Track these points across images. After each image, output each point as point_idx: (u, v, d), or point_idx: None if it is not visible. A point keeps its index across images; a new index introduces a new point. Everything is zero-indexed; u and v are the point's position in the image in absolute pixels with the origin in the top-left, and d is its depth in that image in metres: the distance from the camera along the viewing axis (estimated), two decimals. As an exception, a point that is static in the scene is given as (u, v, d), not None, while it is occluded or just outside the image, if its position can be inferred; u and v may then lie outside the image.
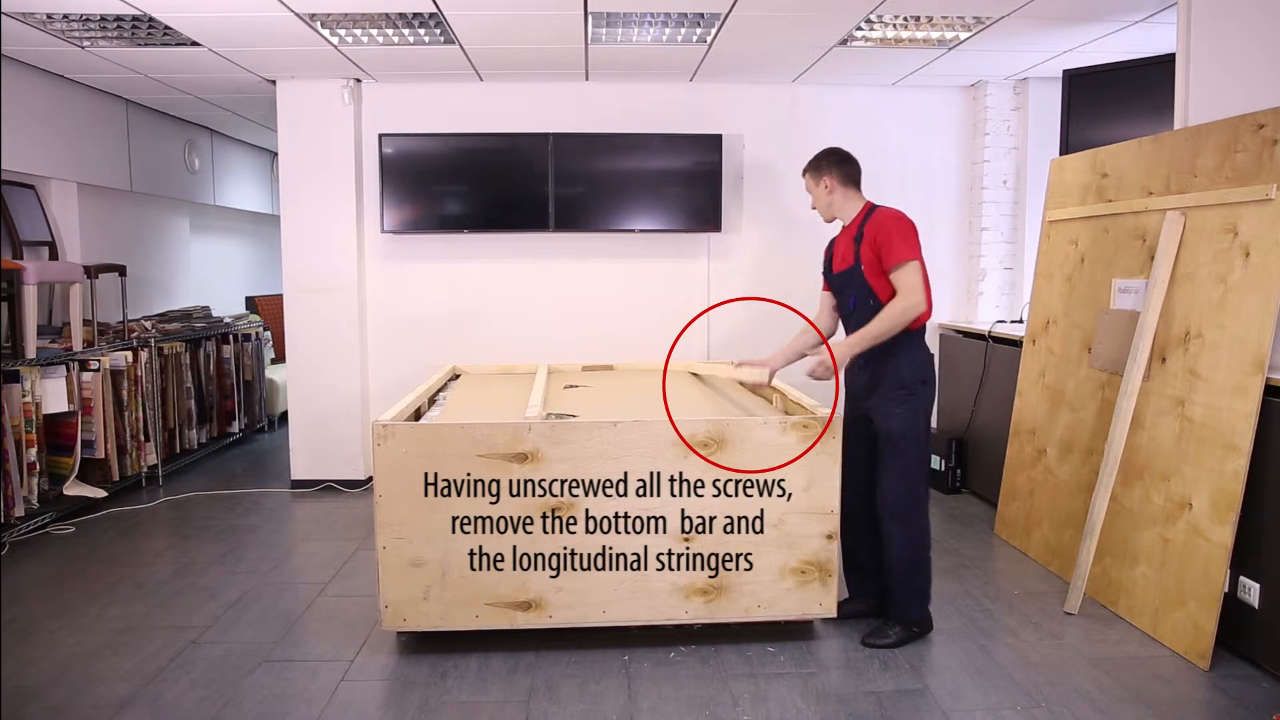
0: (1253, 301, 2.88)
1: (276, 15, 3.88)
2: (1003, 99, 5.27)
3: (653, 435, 2.95)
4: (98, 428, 4.74)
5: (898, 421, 3.03)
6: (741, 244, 5.38)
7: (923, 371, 3.07)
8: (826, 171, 3.18)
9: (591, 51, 4.57)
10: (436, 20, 4.01)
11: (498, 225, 5.18)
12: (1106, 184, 3.73)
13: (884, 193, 5.38)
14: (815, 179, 3.21)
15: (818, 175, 3.20)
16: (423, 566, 2.94)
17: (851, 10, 3.93)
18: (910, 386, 3.05)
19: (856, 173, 3.20)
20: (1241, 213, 2.97)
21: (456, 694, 2.75)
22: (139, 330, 5.35)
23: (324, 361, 5.21)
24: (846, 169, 3.18)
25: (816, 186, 3.21)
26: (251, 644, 3.12)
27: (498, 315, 5.31)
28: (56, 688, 2.80)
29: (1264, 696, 2.71)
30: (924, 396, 3.08)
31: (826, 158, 3.20)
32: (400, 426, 2.91)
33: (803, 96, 5.33)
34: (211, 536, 4.35)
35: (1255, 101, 3.01)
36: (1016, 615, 3.34)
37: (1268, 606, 2.83)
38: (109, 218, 5.64)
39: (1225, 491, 2.89)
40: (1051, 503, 3.85)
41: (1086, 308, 3.78)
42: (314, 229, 5.15)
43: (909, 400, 3.04)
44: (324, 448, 5.25)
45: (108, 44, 4.30)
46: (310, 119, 5.09)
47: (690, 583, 3.01)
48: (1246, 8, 3.10)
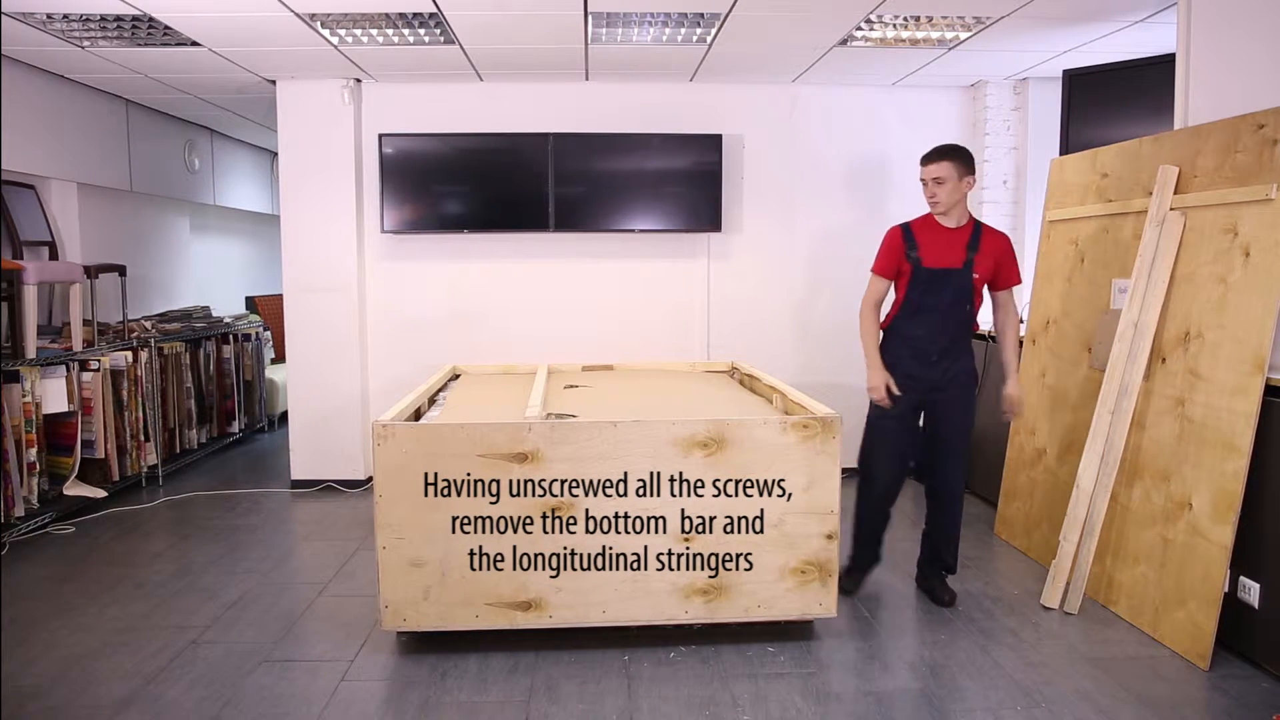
0: (1253, 301, 2.88)
1: (276, 15, 3.88)
2: (1003, 99, 5.27)
3: (653, 435, 2.94)
4: (98, 428, 4.74)
5: (970, 414, 3.39)
6: (741, 244, 5.37)
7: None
8: (972, 171, 3.25)
9: (591, 51, 4.57)
10: (436, 20, 4.01)
11: (498, 225, 5.18)
12: (1106, 184, 3.73)
13: (884, 193, 5.39)
14: (960, 172, 3.22)
15: (964, 170, 3.22)
16: (423, 566, 2.93)
17: (851, 10, 3.93)
18: (976, 383, 3.43)
19: None
20: (1241, 213, 2.96)
21: (456, 694, 2.75)
22: (139, 330, 5.35)
23: (324, 361, 5.21)
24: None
25: (959, 181, 3.22)
26: (251, 644, 3.12)
27: (498, 315, 5.31)
28: (56, 688, 2.80)
29: (1264, 696, 2.71)
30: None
31: (970, 157, 3.25)
32: (400, 426, 2.91)
33: (803, 96, 5.33)
34: (211, 536, 4.35)
35: (1255, 101, 3.01)
36: (1017, 615, 3.34)
37: (1268, 606, 2.83)
38: (109, 218, 5.64)
39: (1225, 491, 2.89)
40: (1051, 503, 3.85)
41: (1086, 308, 3.78)
42: (314, 229, 5.15)
43: (971, 394, 3.40)
44: (324, 448, 5.25)
45: (108, 44, 4.30)
46: (310, 119, 5.09)
47: (690, 583, 3.01)
48: (1246, 8, 3.10)
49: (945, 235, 3.28)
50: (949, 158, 3.22)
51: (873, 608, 3.42)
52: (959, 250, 3.24)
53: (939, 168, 3.22)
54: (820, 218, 5.39)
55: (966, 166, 3.23)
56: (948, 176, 3.21)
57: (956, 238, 3.27)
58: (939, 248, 3.27)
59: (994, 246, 3.27)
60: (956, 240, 3.26)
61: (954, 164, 3.21)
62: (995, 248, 3.27)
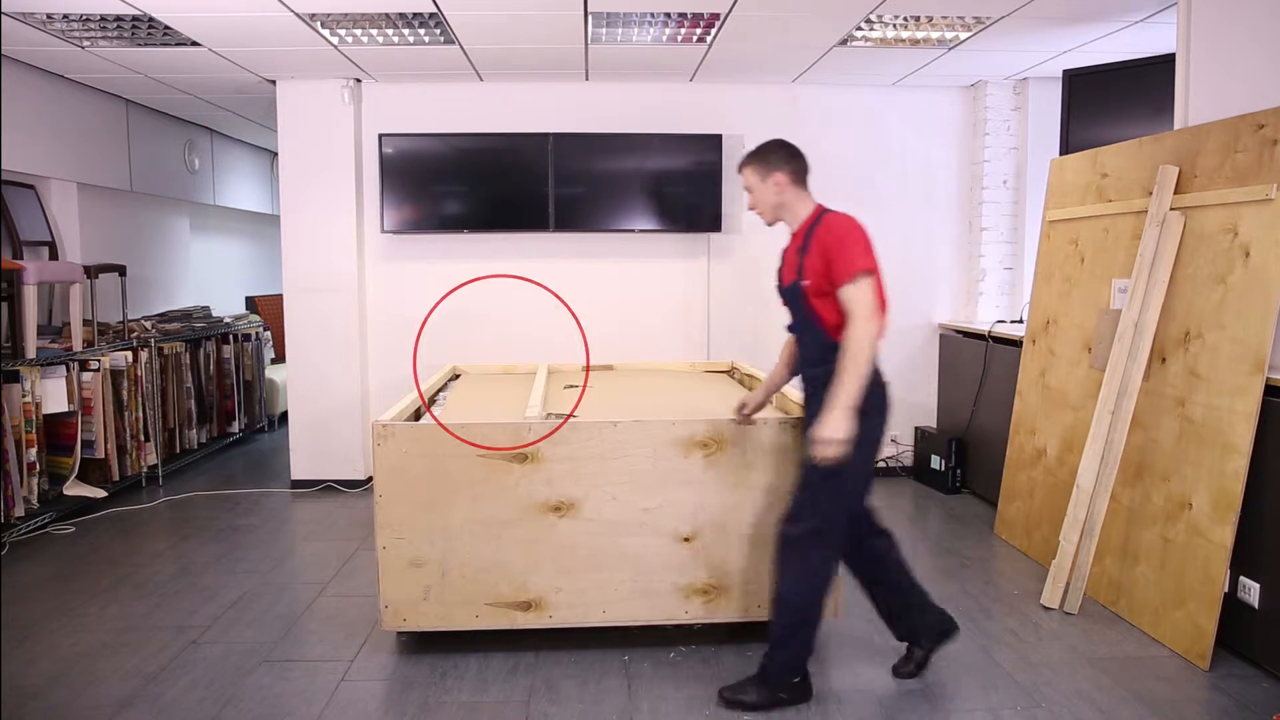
0: (1253, 301, 2.88)
1: (276, 15, 3.88)
2: (1003, 99, 5.27)
3: (653, 435, 2.94)
4: (98, 428, 4.74)
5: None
6: (741, 244, 5.37)
7: (869, 399, 2.53)
8: (778, 166, 2.67)
9: (591, 51, 4.57)
10: (436, 20, 4.01)
11: (498, 225, 5.18)
12: (1106, 184, 3.73)
13: (884, 193, 5.39)
14: (763, 174, 2.69)
15: (766, 170, 2.69)
16: (423, 566, 2.94)
17: (851, 10, 3.93)
18: None
19: (807, 170, 2.73)
20: (1241, 213, 2.96)
21: (456, 694, 2.75)
22: (139, 330, 5.35)
23: (324, 361, 5.21)
24: (798, 164, 2.70)
25: (764, 183, 2.69)
26: (251, 644, 3.12)
27: (498, 315, 5.31)
28: (56, 688, 2.80)
29: (1264, 696, 2.71)
30: (867, 429, 2.55)
31: (777, 151, 2.70)
32: (400, 426, 2.91)
33: (803, 96, 5.33)
34: (211, 536, 4.35)
35: (1255, 101, 3.01)
36: (1017, 615, 3.34)
37: (1268, 606, 2.83)
38: (109, 218, 5.64)
39: (1225, 491, 2.89)
40: (1051, 503, 3.85)
41: (1086, 308, 3.78)
42: (314, 229, 5.15)
43: None
44: (324, 448, 5.25)
45: (108, 44, 4.30)
46: (310, 119, 5.09)
47: (690, 583, 3.01)
48: (1246, 8, 3.10)
49: (790, 244, 2.76)
50: (747, 163, 2.73)
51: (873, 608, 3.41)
52: (794, 258, 2.70)
53: (743, 177, 2.76)
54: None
55: (767, 164, 2.68)
56: (751, 183, 2.73)
57: (794, 244, 2.73)
58: (785, 260, 2.77)
59: (821, 240, 2.59)
60: (793, 247, 2.73)
61: (753, 168, 2.72)
62: (822, 241, 2.58)
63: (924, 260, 5.46)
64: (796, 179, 2.70)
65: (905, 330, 5.48)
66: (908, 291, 5.45)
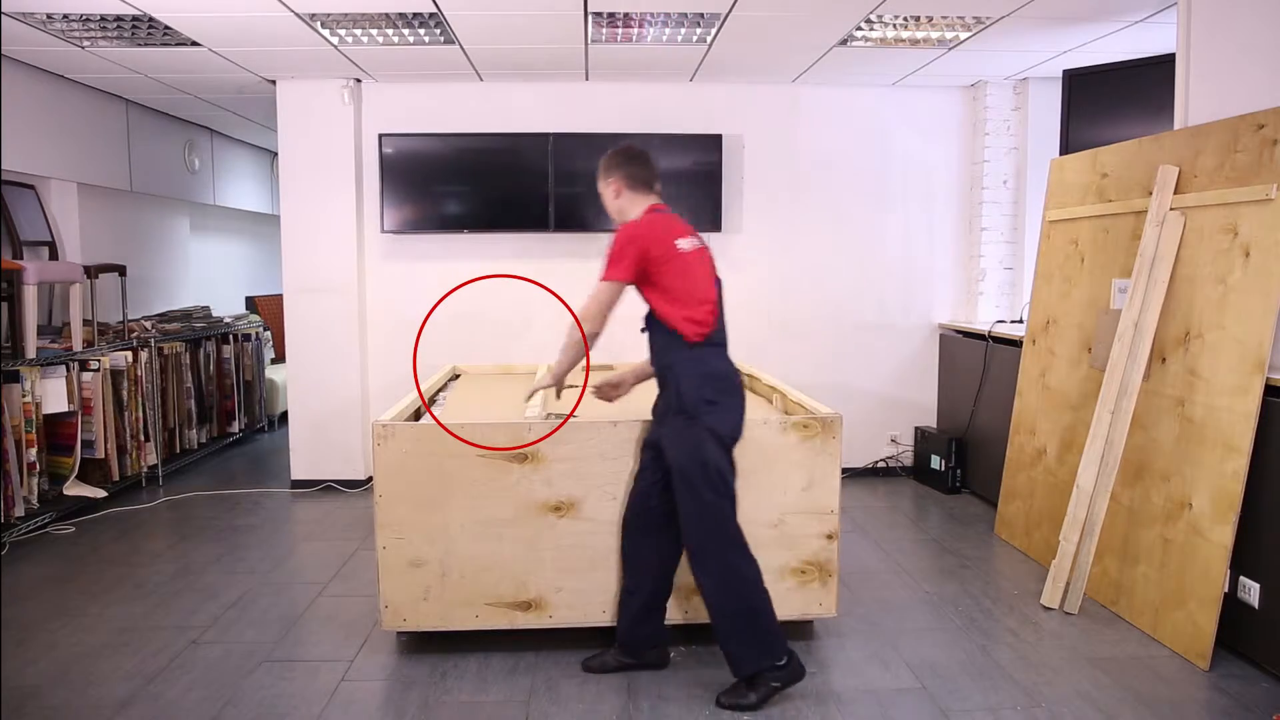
0: (1253, 301, 2.88)
1: (276, 15, 3.88)
2: (1003, 99, 5.27)
3: (653, 435, 2.94)
4: (98, 428, 4.74)
5: (681, 454, 2.63)
6: (742, 244, 5.37)
7: (704, 389, 2.65)
8: (613, 171, 2.82)
9: (591, 51, 4.57)
10: (436, 20, 4.01)
11: (498, 225, 5.18)
12: (1106, 184, 3.73)
13: (884, 193, 5.40)
14: (603, 179, 2.84)
15: (605, 175, 2.84)
16: (423, 566, 2.93)
17: (851, 10, 3.93)
18: (691, 411, 2.64)
19: (648, 174, 2.83)
20: (1241, 213, 2.97)
21: (456, 694, 2.75)
22: (139, 330, 5.35)
23: (324, 361, 5.21)
24: (633, 169, 2.81)
25: (605, 187, 2.84)
26: (251, 644, 3.12)
27: (498, 315, 5.31)
28: (56, 688, 2.80)
29: (1264, 696, 2.71)
30: (712, 419, 2.63)
31: (612, 157, 2.84)
32: (400, 426, 2.91)
33: (803, 96, 5.33)
34: (211, 536, 4.35)
35: (1255, 101, 3.01)
36: (1017, 615, 3.34)
37: (1268, 606, 2.83)
38: (109, 218, 5.64)
39: (1225, 491, 2.89)
40: (1051, 503, 3.85)
41: (1086, 308, 3.78)
42: (314, 229, 5.15)
43: (690, 427, 2.63)
44: (324, 448, 5.25)
45: (108, 44, 4.30)
46: (310, 119, 5.09)
47: (690, 583, 3.00)
48: (1246, 8, 3.10)
49: None
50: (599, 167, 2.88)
51: (873, 608, 3.42)
52: None
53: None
54: (820, 218, 5.39)
55: (606, 169, 2.83)
56: (599, 186, 2.87)
57: None
58: None
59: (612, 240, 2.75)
60: None
61: (599, 172, 2.86)
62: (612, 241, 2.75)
63: (924, 260, 5.46)
64: (632, 183, 2.82)
65: (905, 330, 5.48)
66: (908, 291, 5.45)
